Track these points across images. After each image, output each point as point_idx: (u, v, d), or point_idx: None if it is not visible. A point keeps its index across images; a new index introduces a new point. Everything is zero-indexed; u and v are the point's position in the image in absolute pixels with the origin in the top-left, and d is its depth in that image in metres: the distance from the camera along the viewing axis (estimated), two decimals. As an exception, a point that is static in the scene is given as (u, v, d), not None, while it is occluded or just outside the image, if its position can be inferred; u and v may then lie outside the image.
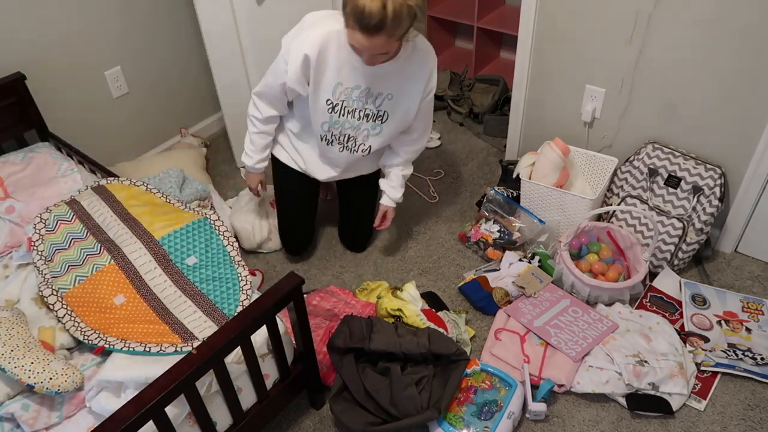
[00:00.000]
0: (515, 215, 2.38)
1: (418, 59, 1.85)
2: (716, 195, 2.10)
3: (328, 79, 1.85)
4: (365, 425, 1.69)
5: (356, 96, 1.89)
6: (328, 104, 1.91)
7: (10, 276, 1.77)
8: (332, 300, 2.15)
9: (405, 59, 1.82)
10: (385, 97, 1.90)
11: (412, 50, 1.82)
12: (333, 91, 1.88)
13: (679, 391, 1.79)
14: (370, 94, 1.89)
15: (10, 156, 2.14)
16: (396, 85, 1.87)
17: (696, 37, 1.98)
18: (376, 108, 1.92)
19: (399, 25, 1.59)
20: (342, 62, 1.82)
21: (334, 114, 1.93)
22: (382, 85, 1.87)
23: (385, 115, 1.94)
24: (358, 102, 1.90)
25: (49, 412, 1.44)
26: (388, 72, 1.84)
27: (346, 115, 1.94)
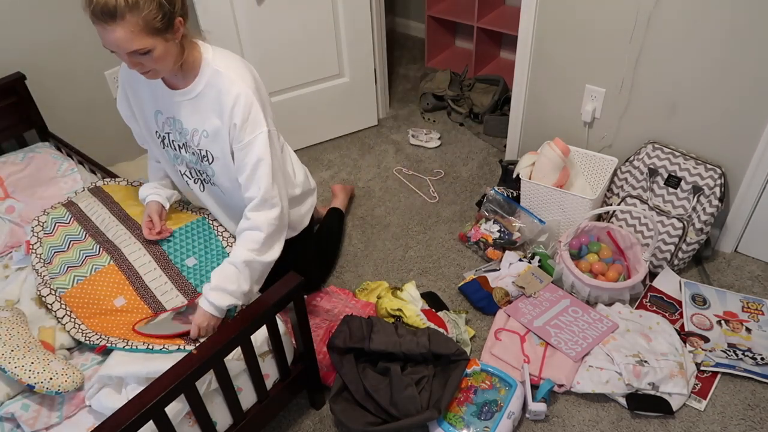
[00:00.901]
0: (515, 215, 2.38)
1: (214, 94, 1.54)
2: (716, 195, 2.09)
3: (147, 105, 1.66)
4: (365, 425, 1.70)
5: (177, 129, 1.65)
6: (158, 137, 1.71)
7: (10, 276, 1.78)
8: (332, 300, 2.15)
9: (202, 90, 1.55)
10: (201, 134, 1.61)
11: (210, 82, 1.54)
12: (155, 119, 1.67)
13: (679, 391, 1.79)
14: (185, 130, 1.63)
15: (10, 156, 2.14)
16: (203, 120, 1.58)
17: (696, 36, 1.98)
18: (197, 147, 1.64)
19: (137, 10, 1.31)
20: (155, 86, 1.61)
21: (169, 149, 1.71)
22: (190, 120, 1.60)
23: (209, 156, 1.64)
24: (179, 136, 1.65)
25: (49, 412, 1.44)
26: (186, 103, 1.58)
27: (178, 149, 1.70)
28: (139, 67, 1.42)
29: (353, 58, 2.84)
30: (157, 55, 1.40)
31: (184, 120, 1.61)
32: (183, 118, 1.61)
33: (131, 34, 1.33)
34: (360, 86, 2.96)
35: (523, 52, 2.41)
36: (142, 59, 1.40)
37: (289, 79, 2.77)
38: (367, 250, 2.44)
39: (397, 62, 3.75)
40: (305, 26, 2.64)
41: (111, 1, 1.29)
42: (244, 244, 1.57)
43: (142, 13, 1.32)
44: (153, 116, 1.67)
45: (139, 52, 1.37)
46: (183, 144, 1.67)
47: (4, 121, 2.22)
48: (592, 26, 2.18)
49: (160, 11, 1.35)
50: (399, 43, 3.98)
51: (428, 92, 3.26)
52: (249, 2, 2.46)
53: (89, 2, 1.30)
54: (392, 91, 3.45)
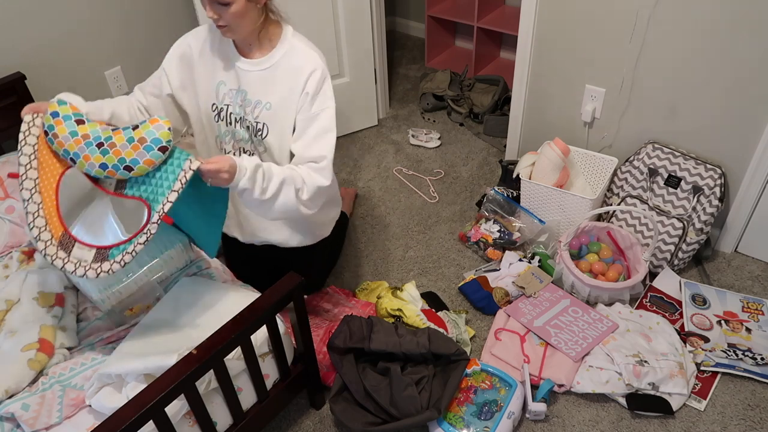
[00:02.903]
0: (515, 215, 2.38)
1: (290, 66, 1.60)
2: (716, 195, 2.10)
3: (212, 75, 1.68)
4: (365, 425, 1.70)
5: (239, 100, 1.67)
6: (214, 110, 1.71)
7: (10, 276, 1.78)
8: (332, 300, 2.15)
9: (278, 61, 1.61)
10: (263, 107, 1.64)
11: (287, 54, 1.61)
12: (217, 91, 1.69)
13: (679, 391, 1.79)
14: (248, 101, 1.66)
15: (10, 156, 2.14)
16: (270, 93, 1.63)
17: (696, 36, 1.98)
18: (254, 119, 1.67)
19: None
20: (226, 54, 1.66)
21: (222, 123, 1.72)
22: (256, 90, 1.64)
23: (264, 130, 1.66)
24: (239, 108, 1.68)
25: (49, 412, 1.44)
26: (256, 74, 1.63)
27: (233, 123, 1.70)
28: (217, 17, 1.49)
29: (353, 58, 2.84)
30: (234, 10, 1.46)
31: (250, 90, 1.64)
32: (249, 88, 1.64)
33: None
34: (360, 86, 2.96)
35: (523, 52, 2.41)
36: (221, 10, 1.46)
37: (289, 79, 2.77)
38: (367, 250, 2.44)
39: (397, 62, 3.75)
40: (305, 26, 2.62)
41: None
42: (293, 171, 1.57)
43: None
44: (215, 87, 1.69)
45: (220, 1, 1.44)
46: (240, 118, 1.69)
47: (4, 121, 2.22)
48: (592, 26, 2.18)
49: None
50: (399, 43, 3.98)
51: (428, 92, 3.27)
52: (249, 2, 2.46)
53: None
54: (392, 91, 3.45)
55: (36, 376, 1.51)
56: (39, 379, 1.50)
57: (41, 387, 1.48)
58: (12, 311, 1.65)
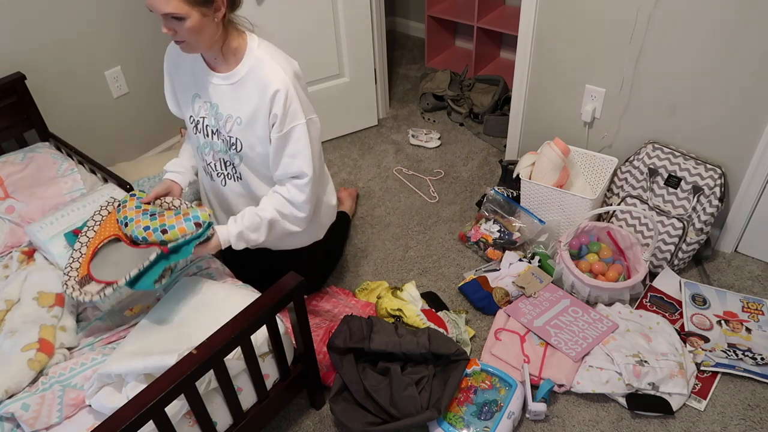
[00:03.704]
0: (515, 215, 2.38)
1: (256, 80, 1.56)
2: (716, 195, 2.10)
3: (187, 88, 1.68)
4: (365, 425, 1.70)
5: (213, 113, 1.66)
6: (191, 122, 1.72)
7: (10, 276, 1.78)
8: (332, 300, 2.15)
9: (244, 76, 1.57)
10: (234, 121, 1.63)
11: (253, 68, 1.57)
12: (192, 104, 1.69)
13: (679, 391, 1.79)
14: (221, 115, 1.65)
15: (10, 156, 2.14)
16: (240, 107, 1.61)
17: (696, 36, 1.98)
18: (227, 134, 1.66)
19: None
20: (196, 67, 1.64)
21: (201, 135, 1.72)
22: (226, 105, 1.63)
23: (238, 144, 1.66)
24: (214, 121, 1.67)
25: (49, 412, 1.44)
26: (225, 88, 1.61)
27: (210, 135, 1.70)
28: (172, 32, 1.45)
29: (353, 58, 2.84)
30: (189, 26, 1.42)
31: (221, 104, 1.63)
32: (220, 102, 1.63)
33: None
34: (360, 86, 2.96)
35: (523, 52, 2.41)
36: (176, 25, 1.43)
37: (289, 79, 2.77)
38: (367, 250, 2.44)
39: (397, 62, 3.75)
40: (305, 26, 2.64)
41: None
42: (274, 204, 1.66)
43: None
44: (191, 100, 1.69)
45: (173, 16, 1.40)
46: (216, 131, 1.68)
47: (4, 121, 2.22)
48: (592, 26, 2.18)
49: None
50: (399, 43, 3.98)
51: (428, 92, 3.27)
52: (249, 2, 2.46)
53: None
54: (392, 91, 3.45)
55: (36, 376, 1.51)
56: (39, 379, 1.50)
57: (41, 387, 1.47)
58: (12, 311, 1.65)
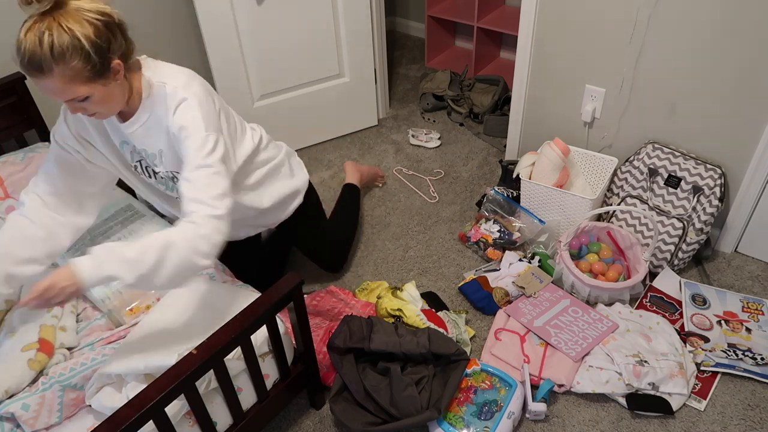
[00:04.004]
0: (515, 215, 2.38)
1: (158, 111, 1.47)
2: (716, 195, 2.10)
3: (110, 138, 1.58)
4: (365, 425, 1.70)
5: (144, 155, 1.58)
6: (134, 170, 1.65)
7: (10, 276, 1.77)
8: (332, 300, 2.15)
9: (152, 111, 1.48)
10: (162, 156, 1.54)
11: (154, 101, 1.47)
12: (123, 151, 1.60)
13: (679, 391, 1.79)
14: (151, 155, 1.56)
15: (10, 156, 2.15)
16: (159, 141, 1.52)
17: (696, 36, 1.98)
18: (164, 170, 1.57)
19: (63, 63, 1.26)
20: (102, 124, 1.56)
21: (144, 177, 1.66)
22: (149, 143, 1.53)
23: (176, 177, 1.57)
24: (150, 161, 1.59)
25: (49, 412, 1.44)
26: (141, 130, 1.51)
27: (153, 176, 1.63)
28: (82, 111, 1.37)
29: (353, 58, 2.84)
30: (97, 99, 1.35)
31: (146, 146, 1.54)
32: (144, 144, 1.53)
33: (63, 84, 1.28)
34: (360, 86, 2.96)
35: (523, 52, 2.41)
36: (84, 104, 1.35)
37: (289, 79, 2.77)
38: (367, 250, 2.44)
39: (397, 62, 3.75)
40: (305, 26, 2.64)
41: (36, 56, 1.25)
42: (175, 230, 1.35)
43: (70, 64, 1.27)
44: (120, 149, 1.59)
45: (77, 99, 1.33)
46: (153, 171, 1.61)
47: (4, 121, 2.22)
48: (592, 26, 2.18)
49: (88, 62, 1.29)
50: (399, 43, 3.98)
51: (428, 92, 3.27)
52: (249, 2, 2.46)
53: (18, 56, 1.27)
54: (392, 91, 3.45)
55: (36, 376, 1.51)
56: (39, 379, 1.50)
57: (41, 387, 1.47)
58: (12, 311, 1.65)
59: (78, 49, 1.27)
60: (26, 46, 1.26)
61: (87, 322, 1.70)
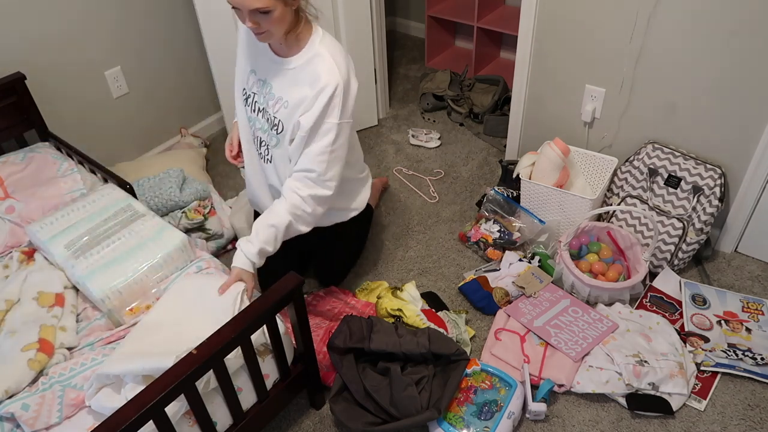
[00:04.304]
0: (515, 215, 2.38)
1: (311, 72, 1.63)
2: (716, 195, 2.10)
3: (246, 61, 1.77)
4: (365, 425, 1.70)
5: (265, 92, 1.73)
6: (243, 95, 1.81)
7: (10, 276, 1.78)
8: (332, 300, 2.15)
9: (301, 65, 1.65)
10: (282, 104, 1.70)
11: (311, 60, 1.64)
12: (248, 78, 1.77)
13: (679, 391, 1.79)
14: (272, 94, 1.71)
15: (10, 156, 2.14)
16: (290, 92, 1.68)
17: (696, 36, 1.98)
18: (274, 113, 1.72)
19: None
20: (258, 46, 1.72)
21: (249, 109, 1.80)
22: (279, 86, 1.70)
23: (280, 125, 1.72)
24: (263, 99, 1.74)
25: (49, 412, 1.44)
26: (282, 71, 1.68)
27: (256, 112, 1.78)
28: (255, 26, 1.52)
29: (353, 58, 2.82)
30: (275, 17, 1.50)
31: (275, 85, 1.69)
32: (275, 83, 1.69)
33: None
34: (360, 86, 2.95)
35: (523, 52, 2.41)
36: (261, 18, 1.50)
37: (289, 79, 2.77)
38: (367, 250, 2.44)
39: (397, 62, 3.76)
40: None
41: None
42: (287, 207, 1.67)
43: None
44: (247, 74, 1.75)
45: (261, 10, 1.47)
46: (262, 108, 1.74)
47: (4, 121, 2.22)
48: (592, 26, 2.18)
49: None
50: (399, 43, 3.98)
51: (428, 92, 3.27)
52: (249, 2, 2.46)
53: None
54: (392, 91, 3.45)
55: (36, 376, 1.51)
56: (39, 379, 1.50)
57: (41, 387, 1.47)
58: (12, 311, 1.65)
59: None
60: None
61: (87, 322, 1.70)
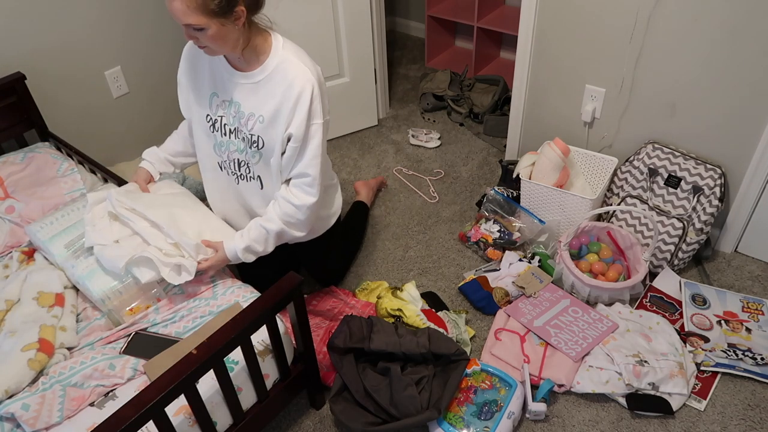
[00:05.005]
0: (515, 215, 2.38)
1: (280, 80, 1.58)
2: (716, 195, 2.10)
3: (205, 85, 1.70)
4: (365, 425, 1.70)
5: (233, 112, 1.67)
6: (208, 121, 1.73)
7: (10, 276, 1.78)
8: (332, 300, 2.15)
9: (268, 75, 1.59)
10: (257, 119, 1.64)
11: (278, 68, 1.58)
12: (210, 102, 1.70)
13: (679, 391, 1.79)
14: (242, 113, 1.66)
15: (10, 156, 2.14)
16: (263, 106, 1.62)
17: (696, 36, 1.98)
18: (249, 131, 1.67)
19: None
20: (216, 66, 1.66)
21: (218, 134, 1.74)
22: (249, 103, 1.64)
23: (260, 141, 1.67)
24: (233, 120, 1.69)
25: (49, 411, 1.44)
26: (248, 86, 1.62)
27: (228, 134, 1.72)
28: (194, 40, 1.50)
29: (353, 58, 2.84)
30: (210, 35, 1.46)
31: (243, 103, 1.64)
32: (242, 100, 1.64)
33: (186, 8, 1.41)
34: (360, 86, 2.96)
35: (523, 52, 2.41)
36: (197, 34, 1.47)
37: (289, 79, 2.77)
38: (367, 250, 2.44)
39: (397, 62, 3.76)
40: (305, 26, 2.64)
41: None
42: (280, 215, 1.68)
43: None
44: (208, 99, 1.70)
45: (193, 27, 1.44)
46: (234, 129, 1.69)
47: (4, 121, 2.22)
48: (592, 26, 2.18)
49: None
50: (399, 43, 3.98)
51: (428, 92, 3.27)
52: (249, 2, 2.46)
53: None
54: (392, 91, 3.45)
55: (36, 376, 1.51)
56: (39, 379, 1.50)
57: (41, 387, 1.47)
58: (12, 311, 1.65)
59: None
60: None
61: (87, 322, 1.70)
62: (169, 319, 1.65)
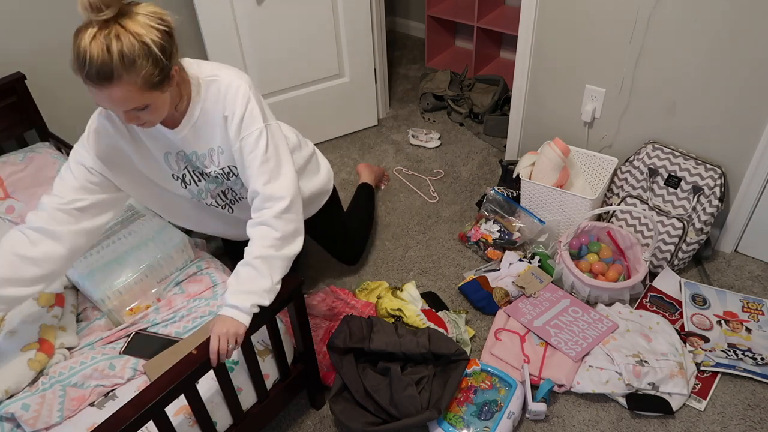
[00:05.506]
0: (515, 215, 2.38)
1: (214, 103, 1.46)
2: (716, 195, 2.10)
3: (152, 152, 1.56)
4: (365, 425, 1.70)
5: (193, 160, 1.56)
6: (176, 179, 1.62)
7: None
8: (332, 300, 2.15)
9: (204, 108, 1.47)
10: (217, 152, 1.54)
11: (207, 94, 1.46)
12: (167, 163, 1.58)
13: (679, 391, 1.79)
14: (202, 155, 1.55)
15: (10, 156, 2.15)
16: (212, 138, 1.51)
17: (696, 36, 1.98)
18: (217, 167, 1.56)
19: (134, 70, 1.23)
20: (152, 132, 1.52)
21: (192, 186, 1.64)
22: (200, 145, 1.53)
23: (233, 170, 1.57)
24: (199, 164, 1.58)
25: (49, 411, 1.44)
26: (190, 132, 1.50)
27: (200, 180, 1.62)
28: (136, 120, 1.35)
29: (353, 58, 2.84)
30: (154, 107, 1.33)
31: (196, 146, 1.53)
32: (194, 145, 1.53)
33: (129, 93, 1.25)
34: (360, 86, 2.96)
35: (523, 52, 2.41)
36: (140, 114, 1.33)
37: (289, 79, 2.77)
38: (367, 250, 2.44)
39: (397, 62, 3.76)
40: (305, 26, 2.64)
41: (107, 64, 1.20)
42: (258, 242, 1.44)
43: (140, 71, 1.24)
44: (164, 161, 1.57)
45: (137, 108, 1.31)
46: (204, 172, 1.59)
47: (4, 121, 2.22)
48: (592, 26, 2.18)
49: (156, 67, 1.26)
50: (399, 43, 3.98)
51: (428, 92, 3.27)
52: (249, 2, 2.46)
53: (81, 66, 1.21)
54: (392, 91, 3.45)
55: (36, 376, 1.51)
56: (39, 379, 1.50)
57: (41, 387, 1.48)
58: (12, 311, 1.65)
59: (147, 55, 1.24)
60: (93, 54, 1.19)
61: (87, 322, 1.70)
62: (169, 319, 1.66)
